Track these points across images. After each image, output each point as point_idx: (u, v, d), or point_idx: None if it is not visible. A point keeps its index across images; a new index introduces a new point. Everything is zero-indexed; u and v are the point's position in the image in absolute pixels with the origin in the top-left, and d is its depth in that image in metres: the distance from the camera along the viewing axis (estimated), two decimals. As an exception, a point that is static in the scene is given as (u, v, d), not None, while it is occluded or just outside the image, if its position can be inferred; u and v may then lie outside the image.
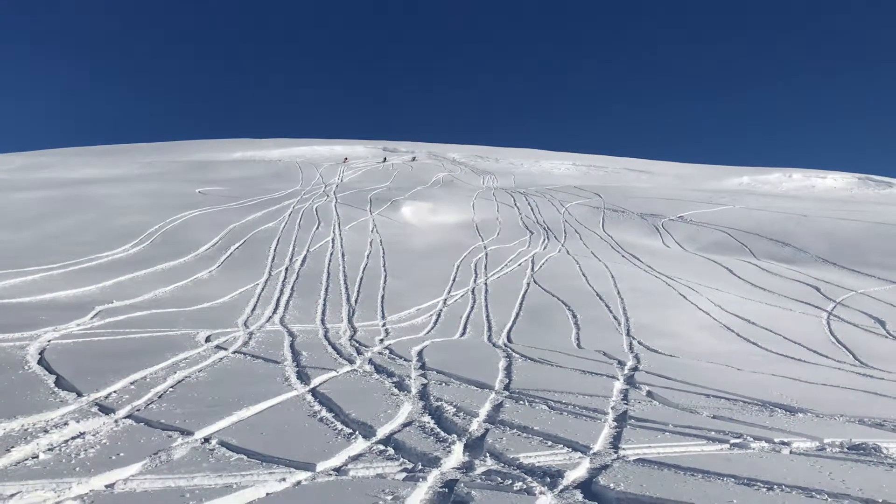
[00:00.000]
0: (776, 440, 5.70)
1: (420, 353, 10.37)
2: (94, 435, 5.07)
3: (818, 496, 4.22)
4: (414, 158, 62.39)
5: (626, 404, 7.13)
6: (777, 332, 16.54)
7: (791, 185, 66.59)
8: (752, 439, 5.68)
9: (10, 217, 25.88)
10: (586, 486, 4.34)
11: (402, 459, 4.87)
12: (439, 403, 6.68)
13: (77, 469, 4.25)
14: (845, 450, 5.59)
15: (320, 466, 4.58)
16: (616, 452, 5.16)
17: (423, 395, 7.24)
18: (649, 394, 7.91)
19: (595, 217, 38.69)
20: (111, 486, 4.04)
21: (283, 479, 4.26)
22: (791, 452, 5.39)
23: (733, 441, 5.64)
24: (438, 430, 5.73)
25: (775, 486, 4.25)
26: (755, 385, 9.01)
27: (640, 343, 14.46)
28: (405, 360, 9.76)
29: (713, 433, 5.89)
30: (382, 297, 18.73)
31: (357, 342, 11.85)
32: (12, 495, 3.74)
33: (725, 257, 28.67)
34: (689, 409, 7.10)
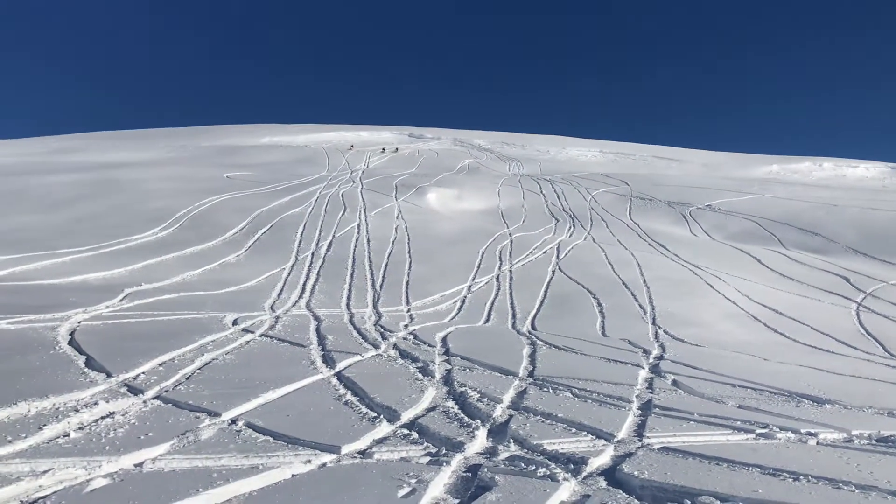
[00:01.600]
0: (803, 431, 5.65)
1: (444, 339, 10.39)
2: (123, 415, 5.15)
3: (845, 488, 4.19)
4: (394, 150, 58.96)
5: (651, 393, 7.10)
6: (805, 322, 16.36)
7: (821, 174, 65.63)
8: (778, 429, 5.64)
9: (42, 200, 26.26)
10: (610, 473, 4.34)
11: (426, 443, 4.89)
12: (463, 389, 6.70)
13: (107, 448, 4.33)
14: (873, 442, 5.53)
15: (345, 449, 4.62)
16: (640, 440, 5.14)
17: (447, 380, 7.26)
18: (674, 383, 7.88)
19: (622, 205, 38.42)
20: (140, 465, 4.11)
21: (309, 461, 4.30)
22: (818, 443, 5.34)
23: (759, 431, 5.60)
24: (462, 415, 5.75)
25: (801, 477, 4.22)
26: (782, 375, 8.93)
27: (665, 332, 14.37)
28: (429, 345, 9.79)
29: (739, 423, 5.86)
30: (407, 282, 18.79)
31: (382, 327, 11.91)
32: (45, 472, 3.82)
33: (754, 246, 28.36)
34: (715, 398, 7.06)
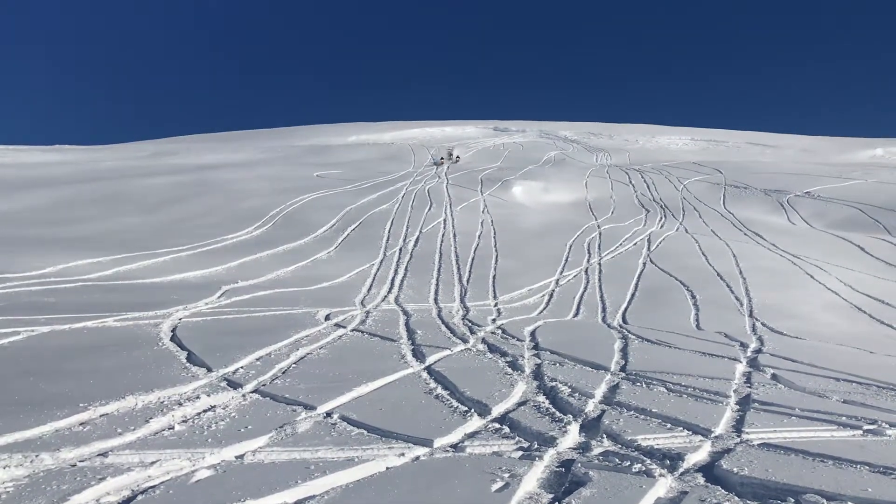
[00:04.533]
0: (915, 427, 5.36)
1: (533, 333, 10.34)
2: (223, 408, 5.34)
3: (963, 488, 3.94)
4: (456, 157, 50.63)
5: (750, 387, 6.88)
6: (915, 313, 15.53)
7: (931, 156, 62.05)
8: (887, 426, 5.37)
9: (142, 202, 27.47)
10: (708, 469, 4.22)
11: (517, 438, 4.88)
12: (554, 384, 6.65)
13: (209, 440, 4.49)
14: None
15: (437, 443, 4.65)
16: (739, 436, 4.98)
17: (537, 374, 7.22)
18: (774, 377, 7.60)
19: (715, 194, 37.34)
20: (241, 457, 4.25)
21: (402, 454, 4.35)
22: (932, 441, 5.05)
23: (867, 427, 5.34)
24: (553, 409, 5.71)
25: (915, 476, 4.00)
26: (890, 369, 8.52)
27: (763, 324, 13.90)
28: (518, 339, 9.76)
29: (844, 418, 5.61)
30: (494, 276, 18.78)
31: (470, 321, 11.94)
32: (153, 463, 3.99)
33: (857, 234, 27.09)
34: (818, 393, 6.78)
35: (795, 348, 10.23)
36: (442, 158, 48.62)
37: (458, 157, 48.33)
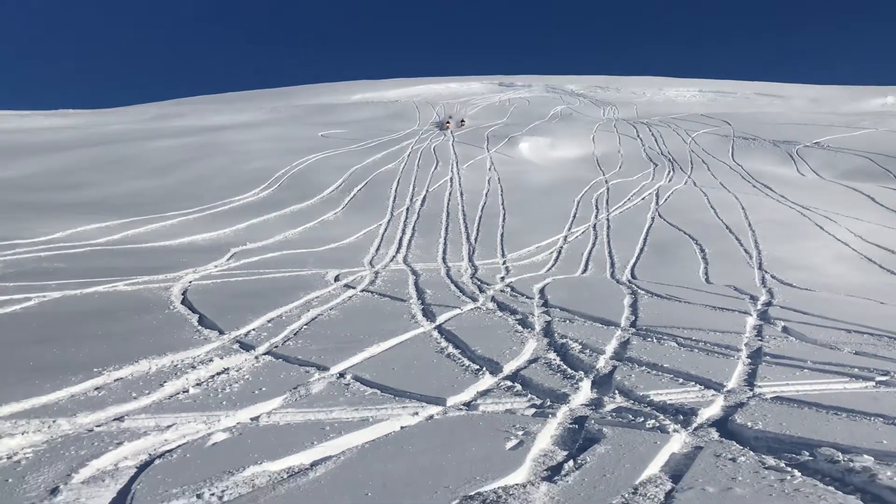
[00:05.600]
0: (928, 378, 5.35)
1: (542, 291, 10.34)
2: (237, 371, 5.36)
3: (978, 438, 3.94)
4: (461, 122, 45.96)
5: (761, 340, 6.88)
6: (926, 263, 15.46)
7: (943, 103, 61.25)
8: (900, 377, 5.36)
9: (148, 165, 27.41)
10: (722, 424, 4.23)
11: (529, 395, 4.89)
12: (564, 340, 6.66)
13: (224, 403, 4.52)
14: None
15: (450, 401, 4.67)
16: (752, 390, 4.99)
17: (548, 332, 7.23)
18: (785, 329, 7.60)
19: (724, 146, 37.00)
20: (256, 418, 4.27)
21: (416, 413, 4.38)
22: (945, 391, 5.05)
23: (879, 378, 5.33)
24: (565, 366, 5.72)
25: (929, 427, 4.00)
26: (902, 320, 8.48)
27: (773, 277, 13.87)
28: (527, 297, 9.76)
29: (857, 370, 5.60)
30: (502, 235, 18.74)
31: (479, 280, 11.94)
32: (169, 426, 4.02)
33: (867, 184, 26.86)
34: (829, 345, 6.77)
35: (806, 300, 10.21)
36: (447, 122, 44.92)
37: (462, 120, 46.72)
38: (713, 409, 4.52)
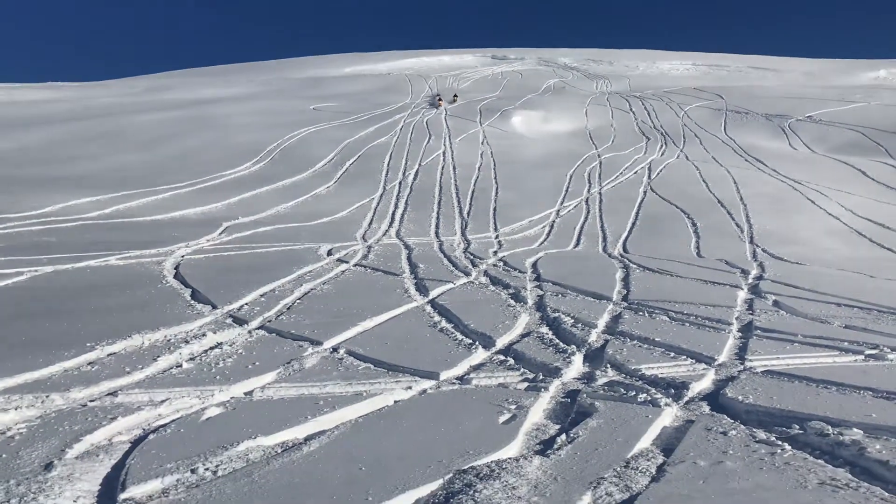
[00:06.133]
0: (917, 352, 5.40)
1: (534, 265, 10.35)
2: (230, 345, 5.37)
3: (965, 411, 3.98)
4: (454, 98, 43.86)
5: (752, 314, 6.91)
6: (916, 237, 15.54)
7: (936, 77, 61.22)
8: (889, 350, 5.41)
9: (138, 138, 27.20)
10: (713, 397, 4.26)
11: (522, 369, 4.91)
12: (556, 314, 6.68)
13: (217, 377, 4.53)
14: None
15: (444, 375, 4.69)
16: (742, 364, 5.02)
17: (540, 306, 7.25)
18: (776, 303, 7.64)
19: (716, 120, 36.96)
20: (250, 393, 4.28)
21: (410, 388, 4.39)
22: (934, 365, 5.09)
23: (869, 352, 5.38)
24: (557, 340, 5.74)
25: (918, 400, 4.04)
26: (891, 293, 8.54)
27: (764, 251, 13.93)
28: (520, 271, 9.78)
29: (846, 344, 5.64)
30: (494, 209, 18.74)
31: (471, 254, 11.95)
32: (162, 401, 4.03)
33: (858, 158, 26.91)
34: (820, 318, 6.81)
35: (797, 274, 10.25)
36: (440, 100, 42.37)
37: (455, 95, 45.86)
38: (704, 383, 4.55)
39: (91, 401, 4.03)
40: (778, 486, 2.91)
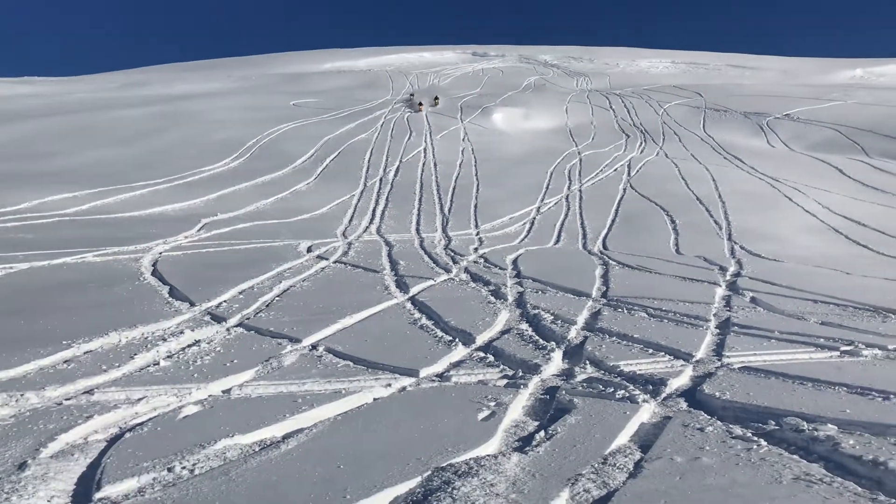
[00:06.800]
0: (890, 347, 5.47)
1: (515, 262, 10.38)
2: (208, 343, 5.33)
3: (937, 406, 4.04)
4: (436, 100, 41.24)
5: (729, 311, 6.97)
6: (890, 234, 15.75)
7: (910, 76, 61.97)
8: (863, 346, 5.47)
9: (116, 134, 26.92)
10: (690, 394, 4.29)
11: (502, 366, 4.92)
12: (536, 311, 6.70)
13: (195, 375, 4.49)
14: (967, 358, 5.31)
15: (423, 372, 4.68)
16: (720, 360, 5.06)
17: (520, 302, 7.27)
18: (753, 300, 7.70)
19: (695, 117, 37.20)
20: (228, 391, 4.25)
21: (389, 385, 4.38)
22: (907, 360, 5.16)
23: (844, 348, 5.44)
24: (537, 337, 5.75)
25: (891, 396, 4.09)
26: (866, 290, 8.64)
27: (742, 248, 14.04)
28: (500, 268, 9.80)
29: (822, 340, 5.70)
30: (475, 206, 18.75)
31: (452, 251, 11.95)
32: (139, 399, 3.99)
33: (835, 156, 27.21)
34: (796, 315, 6.88)
35: (774, 271, 10.35)
36: (420, 104, 38.67)
37: (436, 97, 43.88)
38: (682, 380, 4.58)
39: (67, 399, 3.99)
40: (753, 481, 2.94)
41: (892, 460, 3.08)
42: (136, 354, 4.89)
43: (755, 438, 3.46)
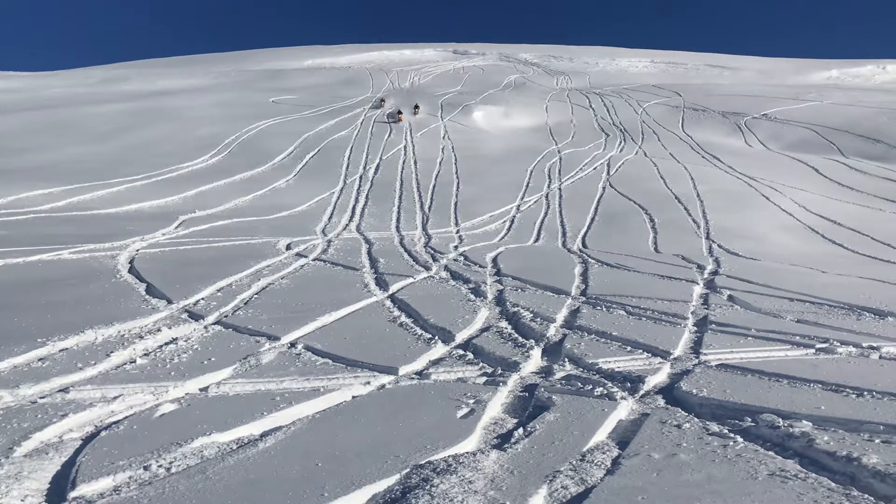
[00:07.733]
0: (864, 345, 5.53)
1: (495, 260, 10.39)
2: (185, 341, 5.29)
3: (910, 403, 4.10)
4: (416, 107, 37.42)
5: (707, 309, 7.02)
6: (865, 233, 15.94)
7: (885, 77, 62.84)
8: (839, 344, 5.53)
9: (93, 130, 26.64)
10: (668, 391, 4.32)
11: (481, 364, 4.93)
12: (516, 309, 6.71)
13: (172, 373, 4.45)
14: (939, 355, 5.38)
15: (402, 370, 4.68)
16: (697, 358, 5.10)
17: (500, 300, 7.28)
18: (730, 298, 7.77)
19: (674, 117, 37.44)
20: (205, 389, 4.22)
21: (368, 383, 4.37)
22: (881, 357, 5.22)
23: (819, 346, 5.50)
24: (516, 335, 5.77)
25: (865, 393, 4.14)
26: (842, 288, 8.73)
27: (720, 246, 14.15)
28: (480, 266, 9.81)
29: (798, 338, 5.76)
30: (455, 203, 18.76)
31: (432, 249, 11.95)
32: (115, 398, 3.95)
33: (811, 156, 27.51)
34: (773, 313, 6.94)
35: (751, 269, 10.44)
36: (399, 113, 34.90)
37: (417, 105, 37.77)
38: (660, 377, 4.61)
39: (41, 397, 3.94)
40: (730, 477, 2.96)
41: (865, 456, 3.12)
42: (112, 352, 4.84)
43: (731, 435, 3.49)
